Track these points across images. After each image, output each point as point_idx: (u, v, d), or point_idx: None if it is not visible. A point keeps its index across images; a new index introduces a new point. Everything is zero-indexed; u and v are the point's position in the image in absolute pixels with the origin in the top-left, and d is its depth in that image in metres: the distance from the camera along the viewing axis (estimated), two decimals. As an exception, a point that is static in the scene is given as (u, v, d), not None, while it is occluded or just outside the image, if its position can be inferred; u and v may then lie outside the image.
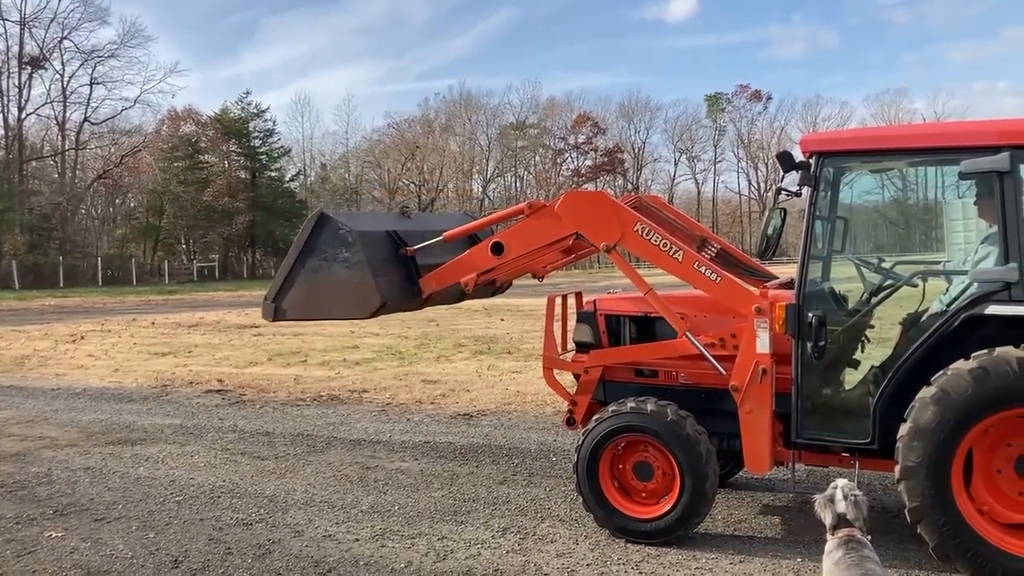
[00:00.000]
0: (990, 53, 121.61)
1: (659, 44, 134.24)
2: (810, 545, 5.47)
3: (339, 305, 6.19)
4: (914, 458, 4.85)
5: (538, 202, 6.21)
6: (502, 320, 21.81)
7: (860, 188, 6.51)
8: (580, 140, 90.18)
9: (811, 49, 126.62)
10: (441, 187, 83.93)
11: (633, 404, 5.78)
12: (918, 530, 4.90)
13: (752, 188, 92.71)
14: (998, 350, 4.76)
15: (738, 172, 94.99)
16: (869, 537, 4.10)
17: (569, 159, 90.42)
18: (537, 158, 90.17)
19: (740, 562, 5.44)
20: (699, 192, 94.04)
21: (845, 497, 4.15)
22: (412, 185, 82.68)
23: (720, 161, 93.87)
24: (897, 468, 4.93)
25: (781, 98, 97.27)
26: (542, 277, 7.30)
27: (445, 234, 6.49)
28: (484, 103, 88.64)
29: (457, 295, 6.87)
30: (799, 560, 5.41)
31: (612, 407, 5.88)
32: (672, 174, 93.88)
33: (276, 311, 6.44)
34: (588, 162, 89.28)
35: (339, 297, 6.12)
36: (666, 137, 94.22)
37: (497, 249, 6.12)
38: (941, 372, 4.87)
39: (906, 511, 4.93)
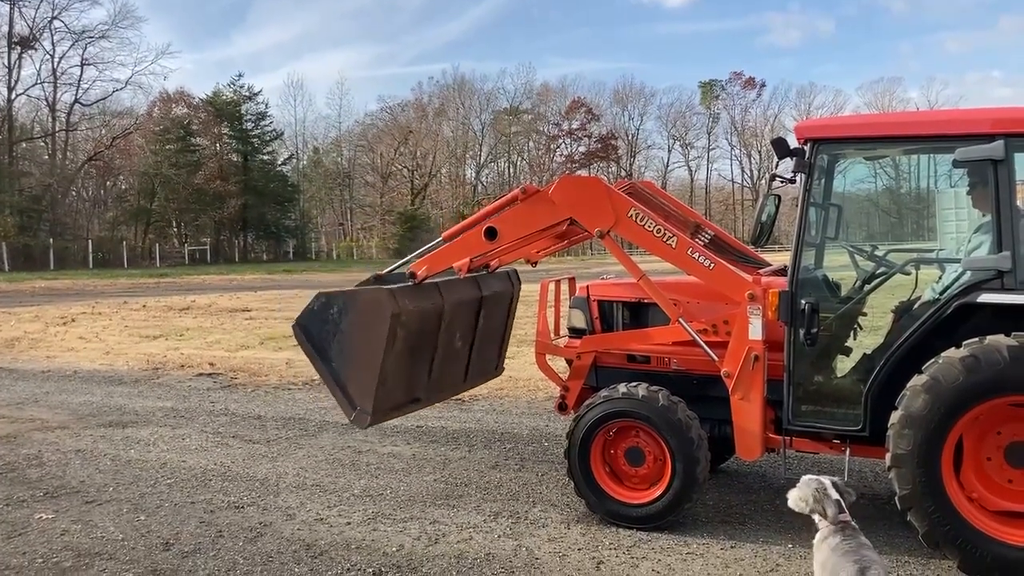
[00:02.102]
0: (986, 43, 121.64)
1: (654, 30, 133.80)
2: (800, 531, 5.48)
3: (373, 333, 5.89)
4: (904, 446, 4.86)
5: (532, 187, 6.17)
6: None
7: (855, 175, 6.51)
8: (574, 126, 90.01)
9: (807, 37, 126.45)
10: (434, 172, 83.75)
11: (624, 389, 5.79)
12: (908, 517, 4.92)
13: (745, 176, 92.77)
14: (989, 338, 4.76)
15: (731, 160, 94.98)
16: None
17: (563, 145, 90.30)
18: (531, 144, 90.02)
19: (731, 547, 5.46)
20: (692, 179, 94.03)
21: (834, 486, 4.16)
22: (405, 170, 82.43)
23: (713, 148, 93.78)
24: (888, 456, 4.95)
25: (775, 85, 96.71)
26: (536, 263, 7.29)
27: (444, 234, 6.47)
28: (478, 88, 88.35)
29: (475, 287, 6.74)
30: (789, 546, 5.44)
31: (604, 393, 5.89)
32: (665, 161, 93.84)
33: (364, 413, 6.03)
34: (582, 148, 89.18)
35: (367, 334, 5.89)
36: (660, 124, 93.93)
37: (491, 234, 6.09)
38: (932, 360, 4.87)
39: (896, 498, 4.95)
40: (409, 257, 6.54)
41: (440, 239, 6.43)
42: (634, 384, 5.83)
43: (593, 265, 44.68)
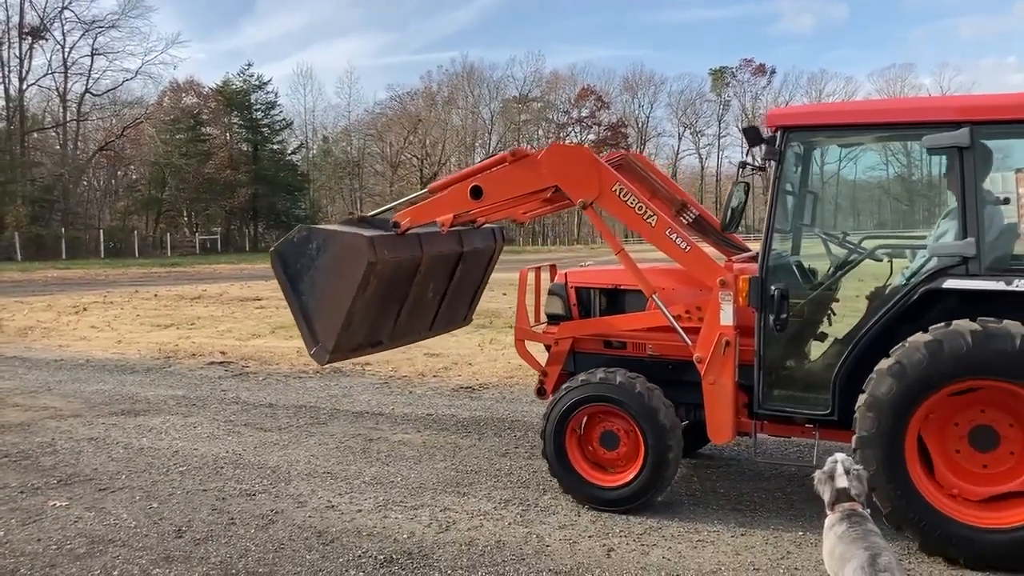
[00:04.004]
0: (1001, 28, 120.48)
1: (665, 17, 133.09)
2: (811, 519, 5.48)
3: (346, 276, 6.00)
4: (869, 428, 4.93)
5: (521, 150, 6.24)
6: (504, 294, 21.76)
7: (825, 162, 6.56)
8: (583, 114, 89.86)
9: (820, 23, 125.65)
10: (444, 161, 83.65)
11: (584, 377, 5.96)
12: (873, 498, 4.94)
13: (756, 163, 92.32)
14: (955, 323, 4.81)
15: (742, 147, 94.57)
16: (869, 511, 4.11)
17: (572, 133, 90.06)
18: (540, 132, 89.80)
19: (742, 535, 5.46)
20: (703, 167, 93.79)
21: (847, 472, 4.16)
22: (415, 159, 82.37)
23: (724, 136, 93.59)
24: (853, 438, 5.01)
25: (786, 72, 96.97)
26: (522, 223, 7.37)
27: (431, 186, 6.56)
28: (487, 76, 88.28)
29: (457, 242, 6.83)
30: (800, 533, 5.43)
31: (564, 386, 6.05)
32: (676, 149, 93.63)
33: (324, 350, 6.18)
34: (591, 136, 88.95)
35: (341, 272, 6.00)
36: (670, 111, 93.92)
37: (476, 193, 6.15)
38: (899, 345, 4.92)
39: None
40: (398, 202, 6.65)
41: (426, 191, 6.53)
42: (589, 372, 5.99)
43: (603, 253, 44.57)
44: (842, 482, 4.12)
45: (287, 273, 6.16)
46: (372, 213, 6.72)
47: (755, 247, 6.93)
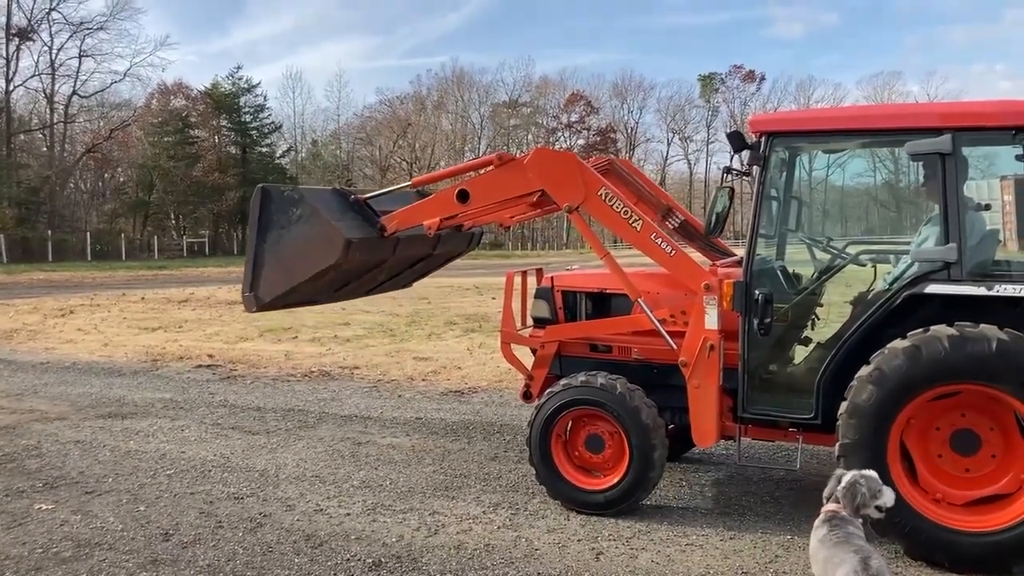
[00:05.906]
0: (991, 36, 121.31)
1: (655, 22, 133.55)
2: (800, 522, 5.51)
3: (310, 260, 6.08)
4: (852, 435, 4.95)
5: (508, 154, 6.28)
6: (493, 298, 21.79)
7: (808, 168, 6.62)
8: (573, 119, 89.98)
9: (811, 29, 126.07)
10: (433, 165, 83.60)
11: (564, 381, 5.98)
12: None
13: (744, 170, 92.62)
14: (933, 328, 4.84)
15: (730, 153, 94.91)
16: (861, 520, 4.12)
17: (562, 138, 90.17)
18: (530, 137, 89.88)
19: (730, 538, 5.47)
20: (691, 173, 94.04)
21: (836, 479, 4.20)
22: (404, 163, 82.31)
23: (713, 142, 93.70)
24: (837, 446, 5.03)
25: (775, 79, 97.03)
26: (508, 227, 7.42)
27: (414, 179, 6.62)
28: (476, 80, 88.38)
29: (431, 245, 6.89)
30: (788, 537, 5.45)
31: (547, 390, 6.06)
32: (665, 154, 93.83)
33: (256, 300, 6.36)
34: (581, 141, 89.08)
35: (307, 253, 6.07)
36: (659, 117, 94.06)
37: (463, 196, 6.19)
38: (878, 352, 4.96)
39: None
40: (398, 187, 6.93)
41: (409, 184, 6.68)
42: (571, 376, 6.03)
43: (592, 258, 44.58)
44: (834, 484, 4.16)
45: (262, 216, 6.24)
46: (368, 196, 6.70)
47: (740, 252, 7.00)
